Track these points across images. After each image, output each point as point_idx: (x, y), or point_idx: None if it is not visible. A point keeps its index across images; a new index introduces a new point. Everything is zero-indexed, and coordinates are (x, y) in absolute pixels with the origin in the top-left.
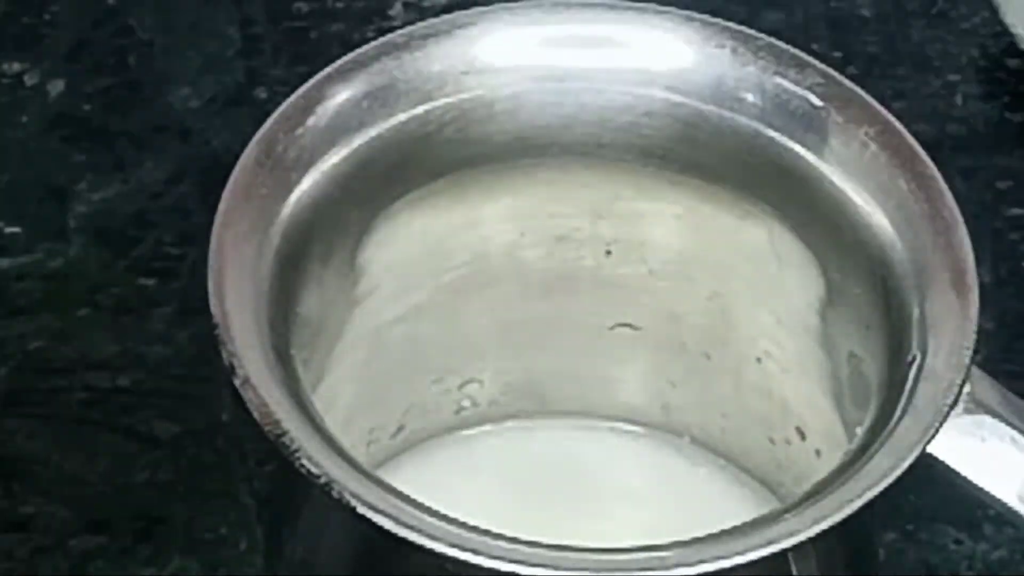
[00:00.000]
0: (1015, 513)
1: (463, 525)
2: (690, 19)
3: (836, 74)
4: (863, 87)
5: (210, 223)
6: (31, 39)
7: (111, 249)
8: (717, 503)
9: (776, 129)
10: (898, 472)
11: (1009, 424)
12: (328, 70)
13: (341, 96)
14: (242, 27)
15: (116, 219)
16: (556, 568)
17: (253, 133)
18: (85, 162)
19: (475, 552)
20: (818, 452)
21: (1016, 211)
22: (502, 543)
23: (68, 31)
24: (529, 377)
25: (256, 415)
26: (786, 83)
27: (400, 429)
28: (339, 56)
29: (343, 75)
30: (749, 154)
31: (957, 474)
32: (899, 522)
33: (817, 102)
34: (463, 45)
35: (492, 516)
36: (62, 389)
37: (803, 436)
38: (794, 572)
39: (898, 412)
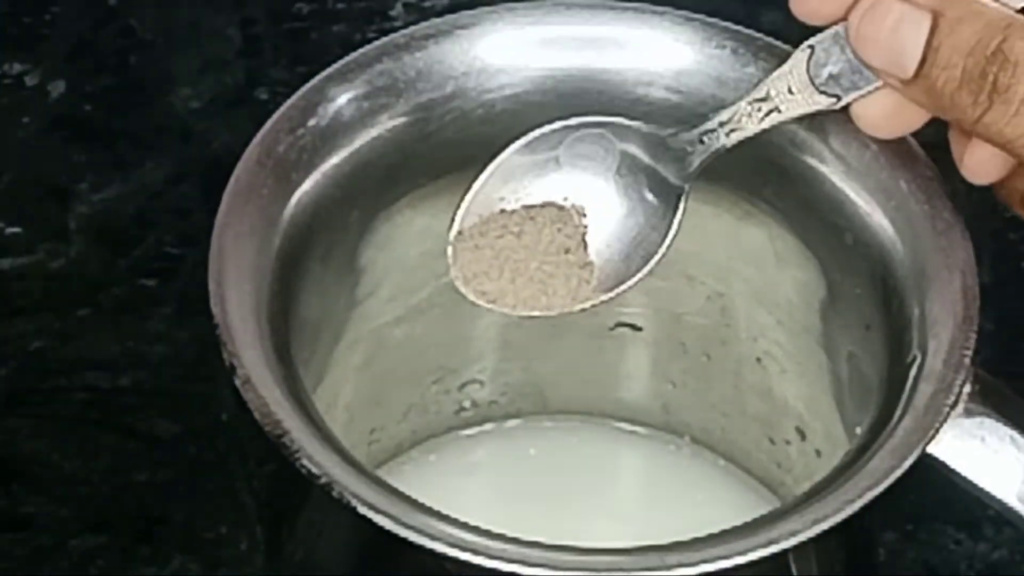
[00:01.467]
0: (1015, 513)
1: (463, 525)
2: (690, 19)
3: None
4: None
5: (211, 223)
6: (32, 39)
7: (112, 249)
8: (717, 503)
9: (776, 129)
10: (898, 472)
11: (1009, 424)
12: (329, 71)
13: (342, 97)
14: (243, 28)
15: (117, 219)
16: (556, 568)
17: (254, 134)
18: (86, 162)
19: (475, 552)
20: (818, 452)
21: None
22: (502, 543)
23: (69, 31)
24: (529, 377)
25: (256, 415)
26: None
27: (400, 429)
28: (340, 57)
29: (344, 76)
30: (749, 154)
31: (957, 474)
32: (899, 522)
33: None
34: (464, 46)
35: (492, 516)
36: (63, 389)
37: (803, 436)
38: (794, 572)
39: (898, 412)
